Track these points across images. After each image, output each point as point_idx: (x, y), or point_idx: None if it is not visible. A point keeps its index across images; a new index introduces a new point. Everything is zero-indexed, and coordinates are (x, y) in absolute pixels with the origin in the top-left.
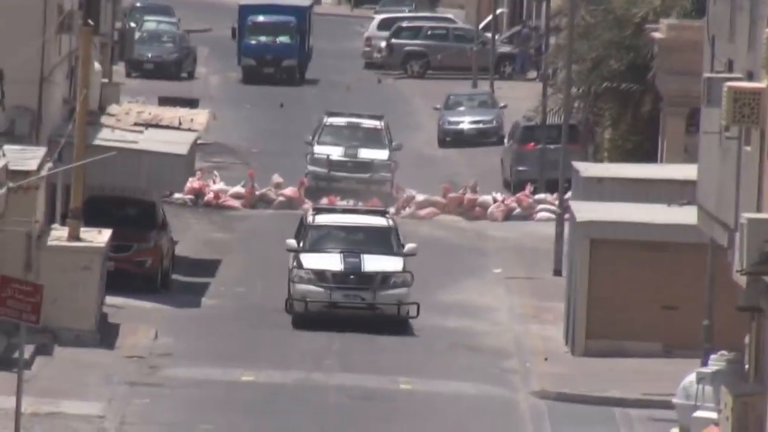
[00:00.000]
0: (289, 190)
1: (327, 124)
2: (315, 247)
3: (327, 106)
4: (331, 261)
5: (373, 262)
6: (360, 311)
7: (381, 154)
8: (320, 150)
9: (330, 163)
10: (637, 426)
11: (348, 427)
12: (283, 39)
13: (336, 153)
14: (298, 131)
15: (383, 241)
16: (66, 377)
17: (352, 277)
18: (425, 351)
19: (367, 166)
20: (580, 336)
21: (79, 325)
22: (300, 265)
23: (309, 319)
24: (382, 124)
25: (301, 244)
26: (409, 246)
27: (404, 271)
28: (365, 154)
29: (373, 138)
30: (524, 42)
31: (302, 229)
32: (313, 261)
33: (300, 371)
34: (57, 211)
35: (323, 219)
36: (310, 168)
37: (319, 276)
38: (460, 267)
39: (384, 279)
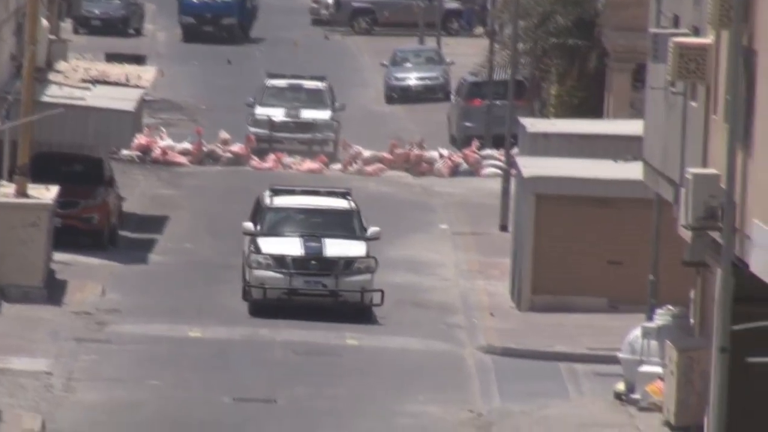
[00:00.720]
0: (237, 147)
1: (268, 85)
2: (273, 231)
3: (274, 62)
4: (290, 245)
5: (336, 247)
6: (321, 299)
7: (323, 114)
8: (262, 111)
9: (272, 125)
10: (583, 381)
11: (295, 382)
12: None
13: (278, 114)
14: (246, 88)
15: (345, 224)
16: (13, 334)
17: (313, 262)
18: (373, 307)
19: (310, 126)
20: (526, 291)
21: (27, 281)
22: (258, 250)
23: (267, 306)
24: (325, 84)
25: (258, 228)
26: (372, 230)
27: (368, 256)
28: (307, 114)
29: (315, 99)
30: None
31: (259, 212)
32: (271, 245)
33: (247, 327)
34: (4, 167)
35: (281, 201)
36: (252, 130)
37: (278, 261)
38: (406, 223)
39: (347, 264)
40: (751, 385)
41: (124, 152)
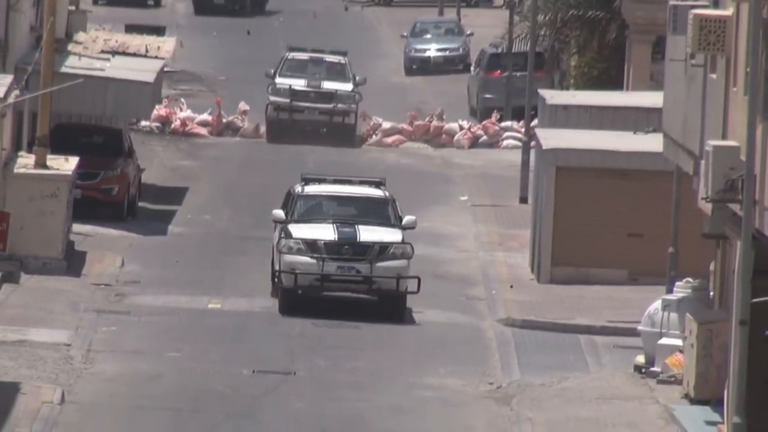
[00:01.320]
0: (251, 127)
1: (289, 57)
2: (305, 218)
3: (293, 34)
4: (323, 231)
5: (370, 233)
6: (355, 284)
7: (344, 86)
8: (281, 81)
9: (292, 93)
10: (603, 353)
11: (314, 354)
12: None
13: (298, 84)
14: (265, 59)
15: (380, 212)
16: (33, 305)
17: (346, 247)
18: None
19: (331, 96)
20: (546, 263)
21: (46, 252)
22: (289, 235)
23: (298, 295)
24: (346, 59)
25: (289, 216)
26: (408, 218)
27: (404, 242)
28: (328, 85)
29: (336, 71)
30: None
31: (290, 201)
32: (303, 231)
33: (266, 299)
34: (24, 138)
35: (313, 189)
36: (272, 98)
37: (310, 246)
38: (426, 194)
39: (382, 250)
40: None
41: (144, 123)
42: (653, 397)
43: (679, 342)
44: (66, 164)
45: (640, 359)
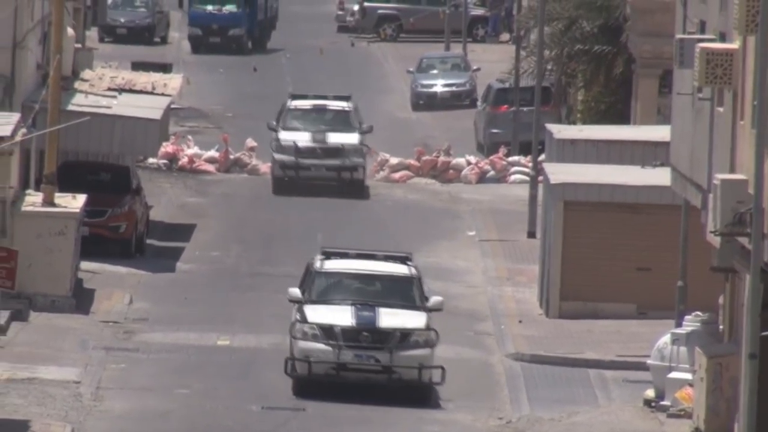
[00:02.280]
0: (264, 167)
1: (291, 107)
2: (322, 298)
3: (300, 70)
4: (340, 314)
5: (391, 317)
6: (374, 375)
7: (351, 138)
8: (286, 136)
9: (297, 151)
10: (612, 387)
11: (324, 390)
12: (229, 8)
13: (303, 139)
14: (272, 95)
15: (404, 292)
16: (42, 343)
17: (365, 333)
18: None
19: (338, 151)
20: (555, 298)
21: (54, 290)
22: (304, 319)
23: (313, 382)
24: (351, 105)
25: (306, 295)
26: (434, 299)
27: (428, 328)
28: (334, 138)
29: (341, 121)
30: (496, 4)
31: (308, 277)
32: (319, 314)
33: (275, 335)
34: (31, 176)
35: (333, 265)
36: (277, 156)
37: (326, 332)
38: (434, 230)
39: (403, 337)
40: None
41: (151, 160)
42: (663, 431)
43: (688, 376)
44: (74, 202)
45: (650, 393)
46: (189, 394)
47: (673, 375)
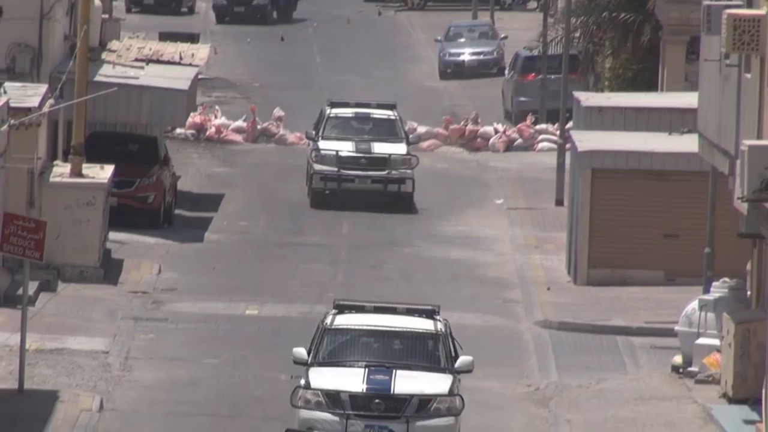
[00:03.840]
0: (293, 136)
1: (331, 115)
2: (331, 359)
3: (327, 39)
4: (350, 378)
5: (409, 381)
6: None
7: (398, 148)
8: (326, 146)
9: (339, 161)
10: (640, 354)
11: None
12: None
13: (345, 148)
14: (299, 65)
15: (427, 352)
16: (70, 313)
17: (377, 401)
18: (428, 282)
19: (384, 161)
20: (582, 265)
21: (83, 261)
22: (307, 384)
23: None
24: (395, 114)
25: (313, 356)
26: (462, 360)
27: (452, 394)
28: (380, 148)
29: (386, 129)
30: None
31: (317, 335)
32: (325, 378)
33: (303, 304)
34: (59, 147)
35: (346, 320)
36: (317, 167)
37: (332, 399)
38: (462, 198)
39: (422, 405)
40: None
41: (179, 131)
42: (691, 397)
43: (716, 342)
44: (101, 172)
45: (678, 359)
46: (217, 363)
47: (701, 341)
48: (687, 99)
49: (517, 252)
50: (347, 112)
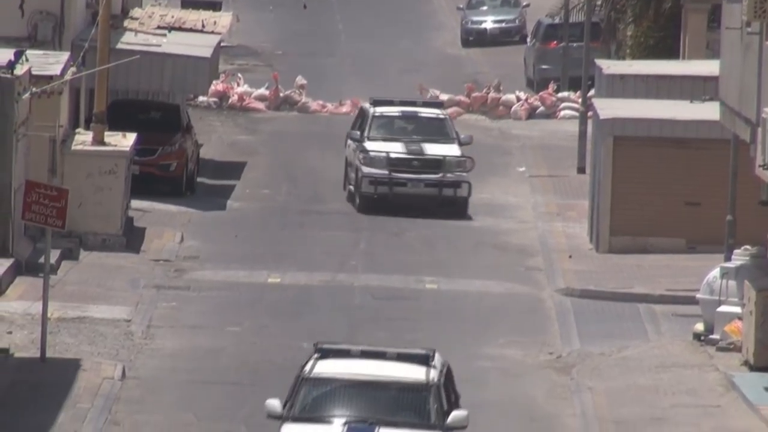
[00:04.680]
0: (316, 104)
1: (376, 114)
2: (306, 414)
3: (349, 7)
4: None
5: None
6: None
7: (452, 149)
8: (375, 147)
9: (390, 163)
10: (662, 322)
11: (374, 327)
12: None
13: (395, 150)
14: (322, 33)
15: (415, 406)
16: (92, 282)
17: None
18: (451, 250)
19: (438, 163)
20: (604, 233)
21: (105, 229)
22: None
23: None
24: (445, 113)
25: (288, 409)
26: (455, 415)
27: None
28: (432, 149)
29: (435, 129)
30: None
31: (296, 385)
32: None
33: (325, 272)
34: (81, 115)
35: (327, 368)
36: (366, 170)
37: None
38: (484, 166)
39: None
40: None
41: (201, 99)
42: (713, 365)
43: (737, 309)
44: (124, 140)
45: (699, 327)
46: (239, 331)
47: (723, 309)
48: (708, 67)
49: (539, 219)
50: (393, 110)
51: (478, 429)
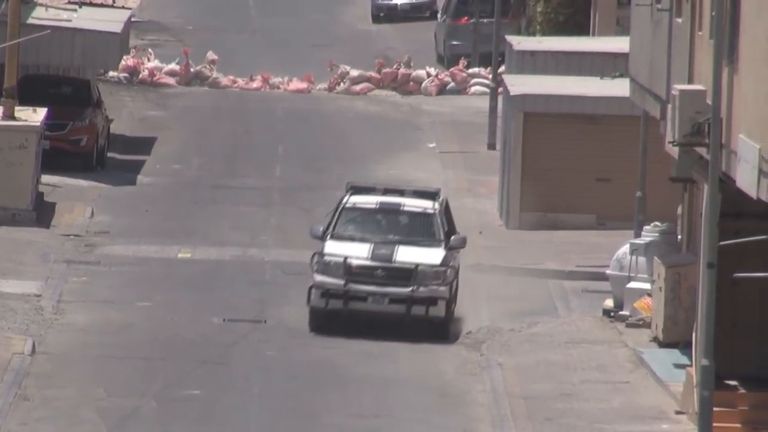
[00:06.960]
0: (227, 80)
1: (348, 205)
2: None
3: None
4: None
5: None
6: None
7: (431, 256)
8: (334, 249)
9: (348, 272)
10: (572, 298)
11: (283, 302)
12: None
13: (358, 254)
14: (232, 8)
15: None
16: (3, 256)
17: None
18: None
19: (408, 274)
20: (515, 209)
21: (16, 204)
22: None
23: None
24: (437, 205)
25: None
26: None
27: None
28: (406, 255)
29: (420, 228)
30: None
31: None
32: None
33: (236, 247)
34: None
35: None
36: (318, 278)
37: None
38: (395, 141)
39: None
40: (737, 300)
41: (112, 74)
42: (622, 341)
43: (647, 286)
44: (34, 115)
45: (609, 303)
46: (150, 306)
47: (632, 285)
48: (618, 43)
49: (449, 195)
50: (370, 201)
51: (388, 405)
